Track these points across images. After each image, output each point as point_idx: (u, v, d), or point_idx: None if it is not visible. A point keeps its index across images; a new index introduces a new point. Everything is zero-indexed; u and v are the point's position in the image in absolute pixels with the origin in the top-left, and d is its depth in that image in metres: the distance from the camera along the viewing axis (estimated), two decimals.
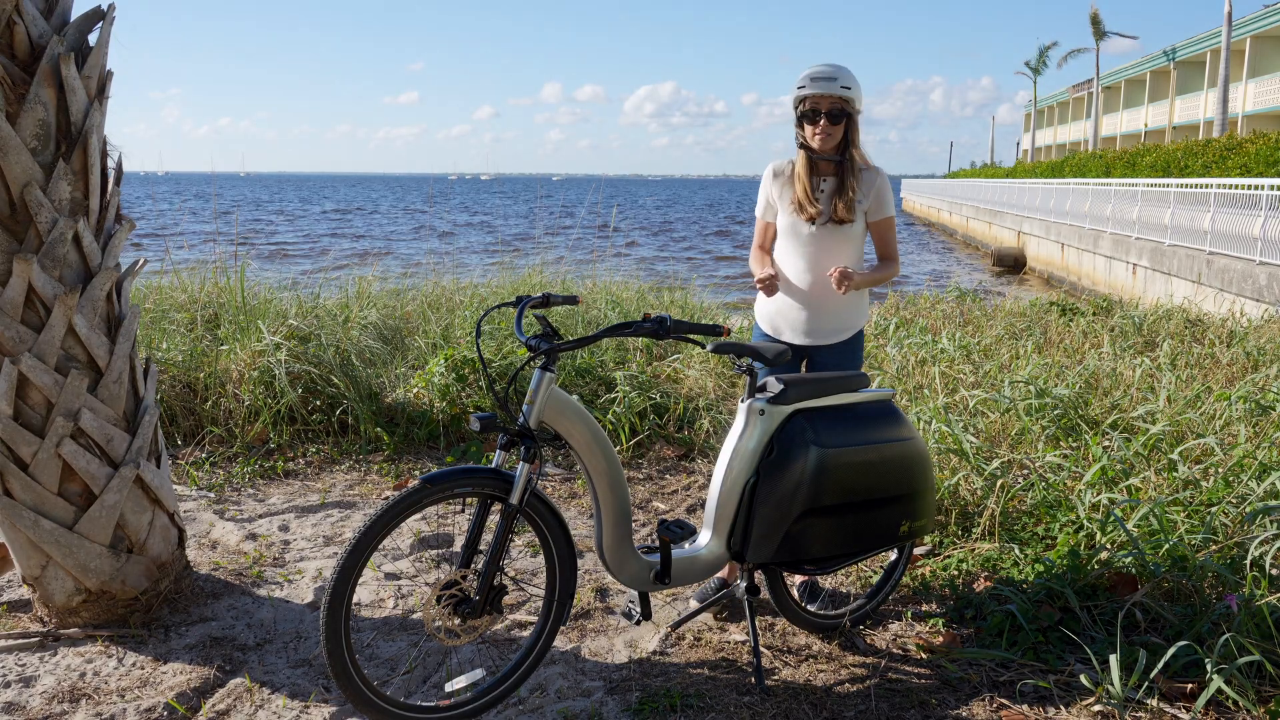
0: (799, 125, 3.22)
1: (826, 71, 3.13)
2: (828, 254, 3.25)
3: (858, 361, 3.38)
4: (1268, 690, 2.70)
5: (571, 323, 6.66)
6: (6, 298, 2.86)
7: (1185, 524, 3.50)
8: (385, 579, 3.66)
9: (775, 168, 3.33)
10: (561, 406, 2.66)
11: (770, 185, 3.33)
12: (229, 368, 5.28)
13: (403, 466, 4.97)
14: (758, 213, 3.38)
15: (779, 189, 3.30)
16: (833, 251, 3.25)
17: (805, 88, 3.14)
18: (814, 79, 3.13)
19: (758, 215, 3.38)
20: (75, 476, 3.03)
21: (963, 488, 4.00)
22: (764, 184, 3.36)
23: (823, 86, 3.11)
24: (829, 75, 3.12)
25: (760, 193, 3.37)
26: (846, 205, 3.19)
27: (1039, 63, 53.25)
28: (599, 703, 2.80)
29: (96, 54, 3.01)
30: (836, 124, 3.15)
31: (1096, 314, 8.58)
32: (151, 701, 2.78)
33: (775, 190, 3.30)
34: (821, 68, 3.14)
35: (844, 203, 3.19)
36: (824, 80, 3.12)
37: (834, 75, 3.12)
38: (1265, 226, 12.05)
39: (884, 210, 3.29)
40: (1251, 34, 32.88)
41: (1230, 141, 20.22)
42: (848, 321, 3.34)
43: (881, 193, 3.27)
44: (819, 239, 3.23)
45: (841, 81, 3.12)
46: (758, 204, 3.38)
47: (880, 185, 3.26)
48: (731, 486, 2.90)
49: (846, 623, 3.21)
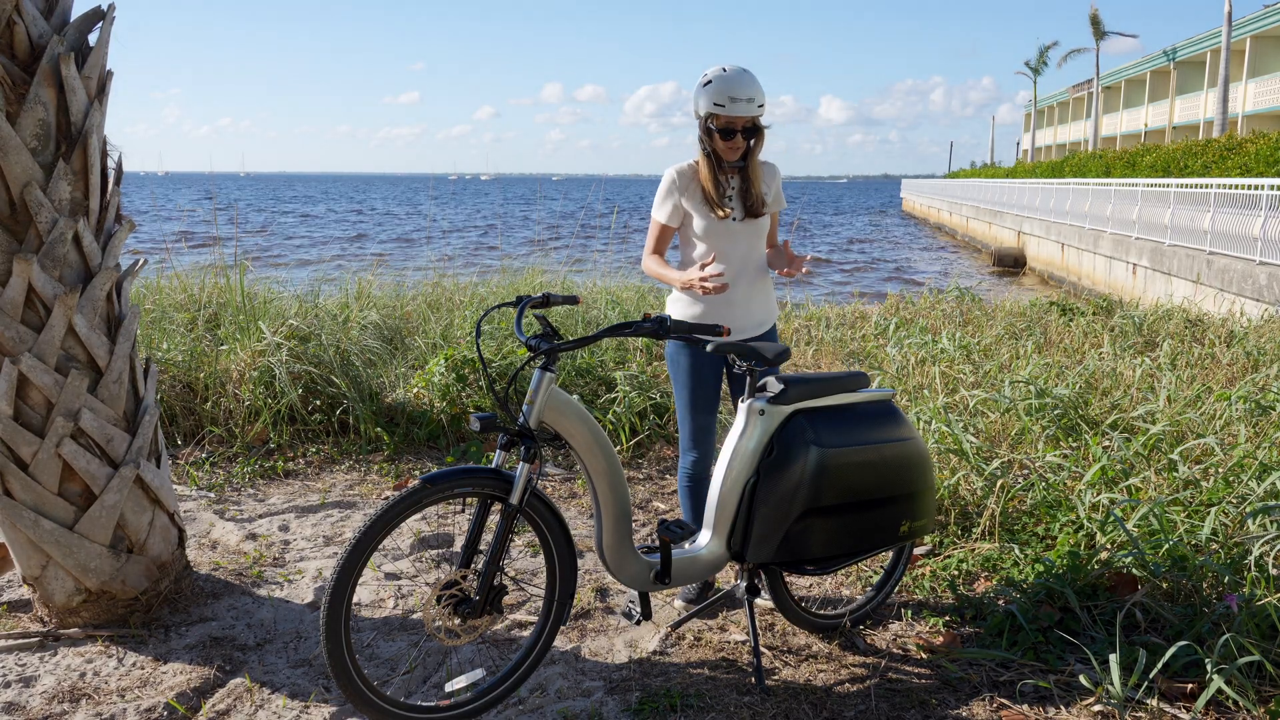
0: (708, 135, 3.16)
1: (745, 91, 3.08)
2: (746, 248, 3.28)
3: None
4: (1268, 690, 2.70)
5: (571, 323, 6.67)
6: (6, 298, 2.86)
7: (1185, 524, 3.50)
8: (385, 579, 3.66)
9: (679, 170, 3.27)
10: (561, 406, 2.66)
11: (677, 191, 3.26)
12: (229, 368, 5.28)
13: (403, 466, 4.97)
14: (660, 217, 3.28)
15: (689, 192, 3.26)
16: (751, 245, 3.29)
17: (724, 108, 3.08)
18: (734, 99, 3.07)
19: (659, 219, 3.29)
20: (75, 476, 3.03)
21: (963, 488, 4.00)
22: (668, 189, 3.26)
23: (743, 109, 3.08)
24: (748, 96, 3.08)
25: (663, 197, 3.27)
26: (759, 200, 3.25)
27: (1039, 63, 53.26)
28: (599, 703, 2.80)
29: (96, 54, 3.01)
30: (748, 138, 3.16)
31: (1096, 314, 8.58)
32: (151, 701, 2.78)
33: (685, 194, 3.26)
34: (739, 84, 3.07)
35: (756, 197, 3.24)
36: (744, 102, 3.08)
37: (752, 95, 3.09)
38: (1265, 226, 12.05)
39: (781, 202, 3.39)
40: (1251, 34, 32.88)
41: (1230, 141, 20.22)
42: (768, 313, 3.39)
43: (778, 185, 3.36)
44: (737, 234, 3.26)
45: (758, 100, 3.11)
46: (658, 208, 3.29)
47: (778, 179, 3.35)
48: (731, 486, 2.90)
49: (846, 623, 3.21)
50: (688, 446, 3.40)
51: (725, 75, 3.10)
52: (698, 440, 3.37)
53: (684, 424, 3.40)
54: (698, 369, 3.30)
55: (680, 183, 3.26)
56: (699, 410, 3.35)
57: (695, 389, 3.32)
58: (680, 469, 3.44)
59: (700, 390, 3.32)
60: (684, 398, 3.36)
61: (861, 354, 6.69)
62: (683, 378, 3.33)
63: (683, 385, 3.35)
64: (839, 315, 8.53)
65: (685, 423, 3.39)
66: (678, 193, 3.26)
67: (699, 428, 3.37)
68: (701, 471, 3.39)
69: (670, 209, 3.28)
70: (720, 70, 3.12)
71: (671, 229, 3.33)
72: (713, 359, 3.31)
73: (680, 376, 3.34)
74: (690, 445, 3.39)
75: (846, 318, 8.42)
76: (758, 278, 3.33)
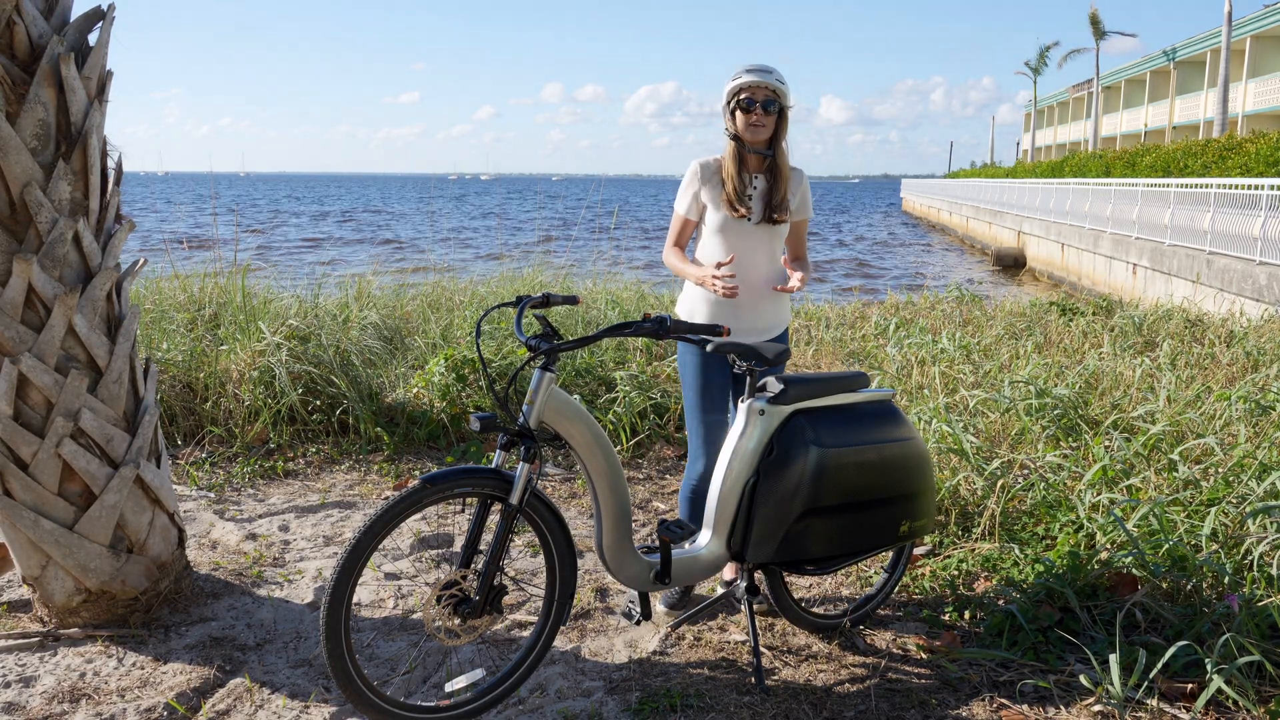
0: (731, 115, 3.19)
1: (763, 65, 3.18)
2: (762, 252, 3.26)
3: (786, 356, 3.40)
4: (1268, 690, 2.70)
5: (571, 323, 6.67)
6: (6, 298, 2.86)
7: (1185, 524, 3.50)
8: (385, 579, 3.66)
9: (703, 164, 3.27)
10: (561, 406, 2.66)
11: (698, 182, 3.26)
12: (229, 368, 5.27)
13: (403, 466, 4.97)
14: (679, 209, 3.30)
15: (710, 186, 3.25)
16: (767, 249, 3.26)
17: (741, 78, 3.15)
18: (750, 70, 3.16)
19: (679, 212, 3.30)
20: (75, 476, 3.03)
21: (963, 488, 4.00)
22: (690, 180, 3.28)
23: (760, 76, 3.14)
24: (766, 68, 3.17)
25: (684, 189, 3.29)
26: (781, 204, 3.22)
27: (1039, 63, 53.26)
28: (599, 703, 2.80)
29: (96, 54, 3.01)
30: (770, 114, 3.16)
31: (1096, 314, 8.59)
32: (151, 701, 2.78)
33: (705, 187, 3.26)
34: (759, 64, 3.19)
35: (779, 201, 3.22)
36: (761, 72, 3.15)
37: (770, 69, 3.17)
38: (1265, 226, 12.05)
39: (807, 210, 3.36)
40: (1251, 34, 32.88)
41: (1230, 141, 20.22)
42: (780, 317, 3.36)
43: (806, 193, 3.34)
44: (753, 236, 3.23)
45: (776, 76, 3.17)
46: (679, 200, 3.30)
47: (805, 186, 3.34)
48: (731, 486, 2.90)
49: (846, 623, 3.21)
50: (697, 453, 3.32)
51: (748, 63, 3.19)
52: (707, 444, 3.30)
53: (692, 426, 3.34)
54: (705, 369, 3.28)
55: (703, 174, 3.25)
56: (708, 410, 3.30)
57: (703, 389, 3.29)
58: (686, 477, 3.38)
59: (708, 390, 3.29)
60: (692, 399, 3.33)
61: (861, 354, 6.69)
62: (690, 378, 3.32)
63: (690, 386, 3.33)
64: (839, 315, 8.54)
65: (694, 424, 3.33)
66: (699, 183, 3.26)
67: (708, 428, 3.30)
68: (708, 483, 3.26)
69: (690, 200, 3.28)
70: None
71: (692, 222, 3.31)
72: (721, 359, 3.28)
73: (688, 377, 3.33)
74: (700, 451, 3.31)
75: (846, 318, 8.42)
76: (768, 286, 3.27)
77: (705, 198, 3.26)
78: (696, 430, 3.33)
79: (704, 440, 3.31)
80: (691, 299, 3.33)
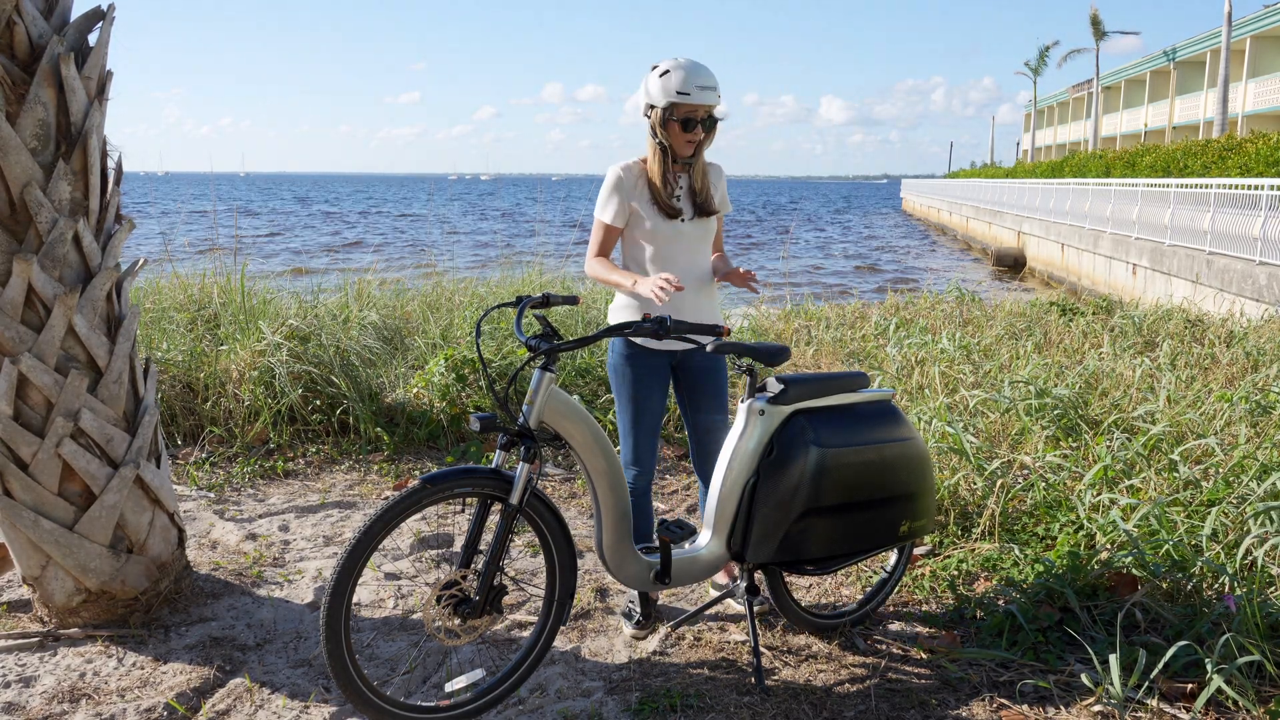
0: (664, 127, 3.01)
1: (709, 80, 2.99)
2: (698, 250, 3.18)
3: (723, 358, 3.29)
4: (1268, 690, 2.70)
5: (571, 323, 6.67)
6: (6, 298, 2.86)
7: (1185, 524, 3.50)
8: (385, 579, 3.66)
9: (625, 168, 3.11)
10: (561, 406, 2.65)
11: (623, 188, 3.10)
12: (229, 368, 5.27)
13: (403, 466, 4.97)
14: (605, 217, 3.11)
15: (637, 191, 3.12)
16: (698, 248, 3.18)
17: (689, 96, 2.95)
18: (700, 88, 2.97)
19: (606, 220, 3.12)
20: (75, 476, 3.03)
21: (963, 488, 4.00)
22: (613, 187, 3.10)
23: (707, 97, 2.98)
24: (710, 83, 2.99)
25: (608, 196, 3.11)
26: (707, 199, 3.15)
27: (1039, 63, 53.25)
28: (599, 703, 2.80)
29: (96, 54, 3.01)
30: (709, 132, 3.07)
31: (1096, 314, 8.59)
32: (151, 701, 2.78)
33: (633, 193, 3.12)
34: (702, 73, 2.98)
35: (705, 197, 3.14)
36: (709, 90, 2.98)
37: (714, 84, 3.00)
38: (1265, 226, 12.05)
39: (727, 205, 3.30)
40: (1251, 34, 32.88)
41: (1230, 141, 20.21)
42: (714, 315, 3.26)
43: (725, 187, 3.28)
44: (687, 235, 3.14)
45: (718, 90, 3.01)
46: (602, 208, 3.12)
47: (724, 179, 3.27)
48: (731, 487, 2.90)
49: (846, 623, 3.21)
50: (628, 461, 3.22)
51: (686, 65, 2.98)
52: (639, 457, 3.20)
53: (625, 439, 3.22)
54: (643, 382, 3.16)
55: (628, 180, 3.11)
56: (642, 428, 3.19)
57: (640, 404, 3.17)
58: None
59: (645, 405, 3.18)
60: (627, 412, 3.20)
61: (861, 354, 6.69)
62: (626, 390, 3.17)
63: (626, 398, 3.18)
64: (839, 315, 8.54)
65: (626, 438, 3.22)
66: (626, 192, 3.11)
67: (639, 444, 3.20)
68: (645, 485, 3.23)
69: (616, 209, 3.11)
70: (675, 60, 3.00)
71: (618, 230, 3.16)
72: (660, 373, 3.18)
73: (624, 389, 3.18)
74: (630, 460, 3.21)
75: (846, 318, 8.42)
76: (704, 283, 3.20)
77: (635, 204, 3.11)
78: (628, 444, 3.23)
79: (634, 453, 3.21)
80: (629, 309, 3.18)
